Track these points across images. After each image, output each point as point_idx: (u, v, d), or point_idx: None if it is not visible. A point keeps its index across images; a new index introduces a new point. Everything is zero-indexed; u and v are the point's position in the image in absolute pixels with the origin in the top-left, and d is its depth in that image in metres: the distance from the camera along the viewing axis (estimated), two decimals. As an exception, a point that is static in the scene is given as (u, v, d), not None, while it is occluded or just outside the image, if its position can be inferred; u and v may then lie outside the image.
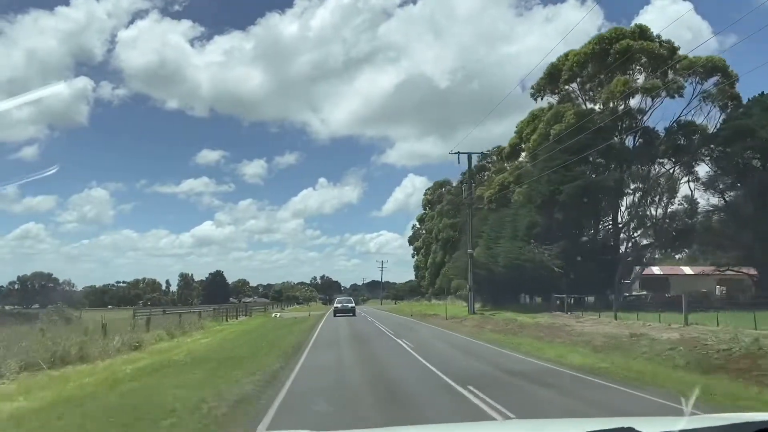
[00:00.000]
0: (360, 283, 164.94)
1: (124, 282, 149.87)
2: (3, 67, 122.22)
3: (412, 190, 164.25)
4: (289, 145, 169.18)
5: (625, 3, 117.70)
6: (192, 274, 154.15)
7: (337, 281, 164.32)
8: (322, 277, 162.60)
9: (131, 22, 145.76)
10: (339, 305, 48.37)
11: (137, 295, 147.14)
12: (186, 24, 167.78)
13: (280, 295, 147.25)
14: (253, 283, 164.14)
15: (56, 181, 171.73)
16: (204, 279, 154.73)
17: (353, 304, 49.51)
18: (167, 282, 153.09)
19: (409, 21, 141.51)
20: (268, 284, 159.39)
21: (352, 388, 10.95)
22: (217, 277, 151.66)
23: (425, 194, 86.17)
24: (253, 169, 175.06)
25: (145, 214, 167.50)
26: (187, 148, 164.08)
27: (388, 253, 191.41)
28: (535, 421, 4.98)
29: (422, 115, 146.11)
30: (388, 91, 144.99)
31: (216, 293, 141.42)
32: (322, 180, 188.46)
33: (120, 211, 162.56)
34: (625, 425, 1.87)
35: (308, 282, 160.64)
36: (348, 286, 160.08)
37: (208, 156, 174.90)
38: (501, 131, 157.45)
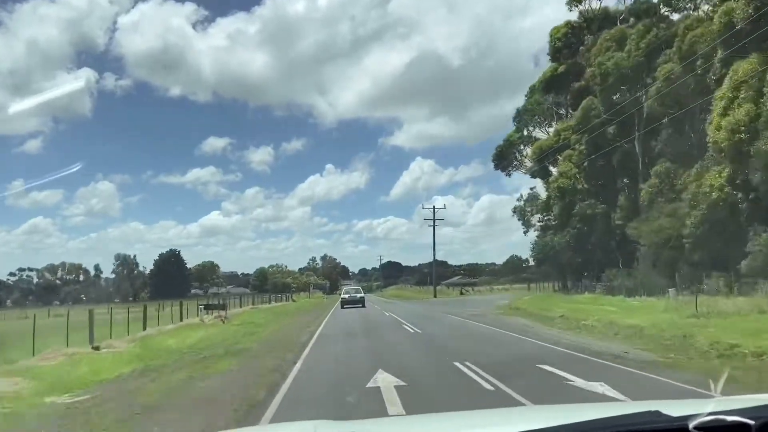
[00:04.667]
0: (370, 267, 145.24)
1: (32, 269, 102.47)
2: (3, 58, 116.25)
3: (419, 174, 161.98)
4: (295, 130, 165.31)
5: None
6: (135, 256, 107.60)
7: (344, 266, 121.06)
8: (325, 258, 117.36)
9: (133, 7, 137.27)
10: (346, 296, 43.90)
11: (51, 288, 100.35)
12: (188, 7, 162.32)
13: (263, 282, 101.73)
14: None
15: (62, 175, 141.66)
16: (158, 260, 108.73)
17: (362, 294, 44.71)
18: (97, 268, 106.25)
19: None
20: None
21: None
22: (172, 260, 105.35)
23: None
24: (260, 156, 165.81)
25: (153, 206, 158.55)
26: (193, 136, 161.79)
27: (396, 238, 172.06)
28: (559, 406, 4.20)
29: (433, 94, 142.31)
30: (397, 70, 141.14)
31: (170, 282, 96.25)
32: (329, 166, 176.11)
33: (127, 204, 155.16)
34: (652, 408, 1.89)
35: (306, 265, 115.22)
36: (356, 271, 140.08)
37: (215, 144, 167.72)
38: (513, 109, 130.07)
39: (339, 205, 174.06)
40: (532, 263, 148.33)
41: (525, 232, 47.23)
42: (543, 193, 43.33)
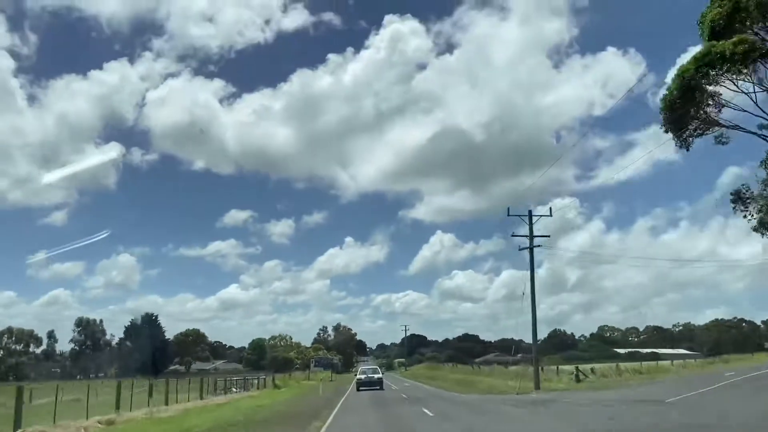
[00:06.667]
0: (389, 342, 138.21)
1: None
2: (34, 131, 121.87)
3: (439, 248, 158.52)
4: (316, 203, 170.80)
5: (665, 49, 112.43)
6: (101, 321, 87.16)
7: (361, 340, 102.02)
8: (338, 329, 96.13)
9: (162, 82, 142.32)
10: (363, 376, 40.28)
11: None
12: (217, 83, 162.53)
13: (260, 357, 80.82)
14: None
15: (84, 246, 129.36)
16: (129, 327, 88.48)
17: (380, 375, 41.53)
18: (50, 335, 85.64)
19: (444, 72, 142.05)
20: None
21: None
22: (146, 325, 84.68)
23: None
24: (281, 228, 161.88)
25: (172, 279, 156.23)
26: (215, 208, 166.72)
27: (415, 313, 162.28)
28: None
29: (454, 168, 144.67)
30: (419, 144, 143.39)
31: (143, 355, 75.71)
32: (348, 239, 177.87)
33: (146, 276, 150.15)
34: None
35: (317, 336, 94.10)
36: (374, 347, 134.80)
37: (236, 216, 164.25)
38: (530, 183, 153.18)
39: (357, 278, 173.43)
40: (580, 338, 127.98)
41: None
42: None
